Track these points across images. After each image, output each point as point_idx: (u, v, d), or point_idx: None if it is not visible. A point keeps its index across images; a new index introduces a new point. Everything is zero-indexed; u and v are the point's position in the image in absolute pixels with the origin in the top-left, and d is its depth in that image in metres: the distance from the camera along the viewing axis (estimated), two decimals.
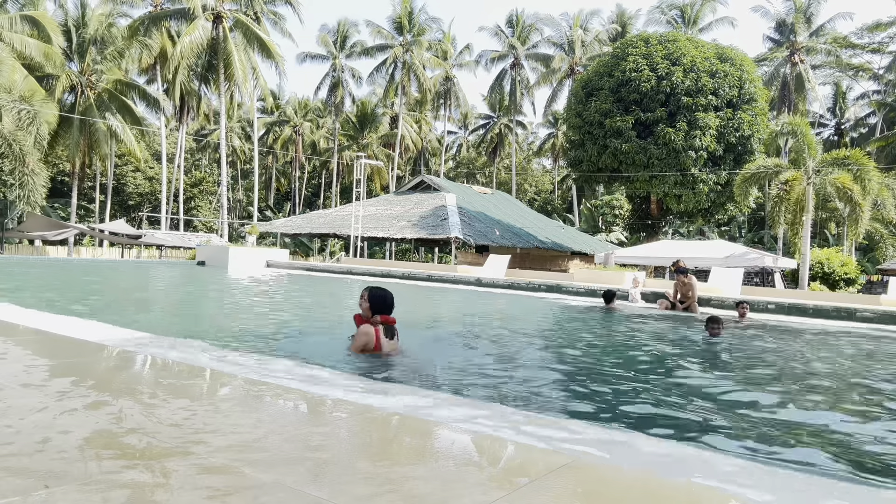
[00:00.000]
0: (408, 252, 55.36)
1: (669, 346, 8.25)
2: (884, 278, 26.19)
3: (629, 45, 30.54)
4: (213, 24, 39.24)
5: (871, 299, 15.59)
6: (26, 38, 31.85)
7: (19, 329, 5.20)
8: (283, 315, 9.69)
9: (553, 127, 63.12)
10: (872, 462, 3.38)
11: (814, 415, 4.53)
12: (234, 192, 66.63)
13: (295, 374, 4.01)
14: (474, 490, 2.02)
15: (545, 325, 10.38)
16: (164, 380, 3.59)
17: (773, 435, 3.82)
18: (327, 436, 2.62)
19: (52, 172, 46.28)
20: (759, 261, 24.41)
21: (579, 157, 31.17)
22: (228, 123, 56.22)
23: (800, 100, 45.05)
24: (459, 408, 3.30)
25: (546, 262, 34.70)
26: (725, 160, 29.22)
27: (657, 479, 2.30)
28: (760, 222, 49.36)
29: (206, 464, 2.15)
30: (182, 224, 50.07)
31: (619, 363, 6.50)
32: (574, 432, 2.90)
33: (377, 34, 54.00)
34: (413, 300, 13.19)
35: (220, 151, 42.54)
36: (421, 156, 67.88)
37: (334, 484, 2.01)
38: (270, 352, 5.83)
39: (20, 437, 2.33)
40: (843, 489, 2.56)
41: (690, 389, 5.25)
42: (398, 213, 33.97)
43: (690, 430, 3.86)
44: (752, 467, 2.58)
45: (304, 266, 25.42)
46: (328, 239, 46.82)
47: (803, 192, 22.32)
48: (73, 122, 35.31)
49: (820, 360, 7.50)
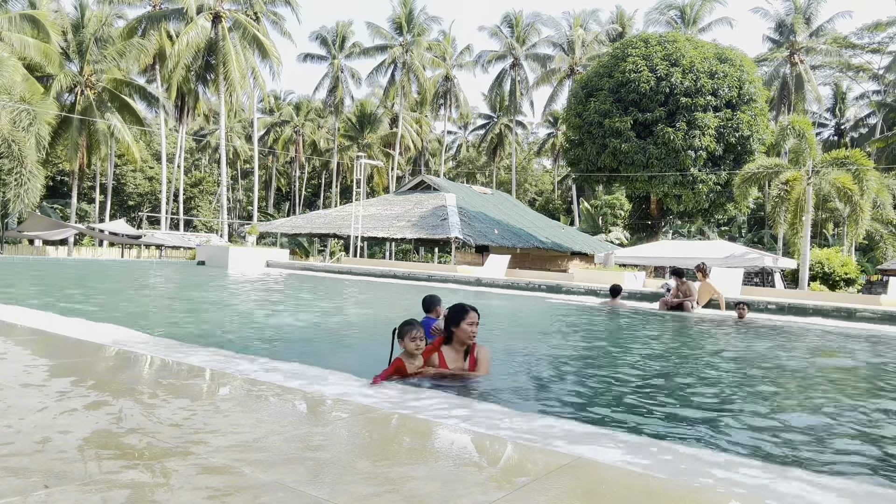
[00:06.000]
0: (408, 252, 55.36)
1: (664, 343, 8.25)
2: (884, 278, 26.20)
3: (629, 46, 30.55)
4: (212, 23, 39.24)
5: (871, 299, 15.58)
6: (26, 38, 31.84)
7: (18, 329, 5.20)
8: (283, 315, 9.69)
9: (553, 127, 63.13)
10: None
11: (813, 414, 4.53)
12: (234, 192, 66.62)
13: (295, 373, 4.01)
14: (474, 490, 2.02)
15: (558, 324, 10.38)
16: (163, 380, 3.59)
17: (773, 435, 3.82)
18: (327, 436, 2.62)
19: (52, 172, 46.31)
20: (759, 261, 24.40)
21: (578, 156, 31.20)
22: (228, 123, 56.22)
23: (799, 100, 45.03)
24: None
25: (546, 263, 34.68)
26: (725, 160, 29.23)
27: (657, 479, 2.30)
28: (760, 222, 49.36)
29: (206, 464, 2.15)
30: (182, 224, 50.06)
31: (621, 362, 6.50)
32: (571, 430, 2.90)
33: (377, 34, 54.02)
34: (414, 300, 13.16)
35: (220, 151, 42.54)
36: (421, 156, 67.87)
37: (334, 484, 2.01)
38: (271, 352, 5.83)
39: (20, 437, 2.33)
40: (848, 490, 2.56)
41: (691, 389, 5.25)
42: (398, 213, 33.97)
43: (691, 430, 3.86)
44: (754, 467, 2.58)
45: (305, 266, 25.41)
46: (328, 239, 46.83)
47: (803, 192, 22.32)
48: (73, 121, 35.30)
49: (819, 359, 7.50)
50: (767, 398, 5.06)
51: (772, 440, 3.69)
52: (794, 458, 3.32)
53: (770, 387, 5.62)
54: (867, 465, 3.29)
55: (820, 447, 3.63)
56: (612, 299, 12.68)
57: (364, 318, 10.45)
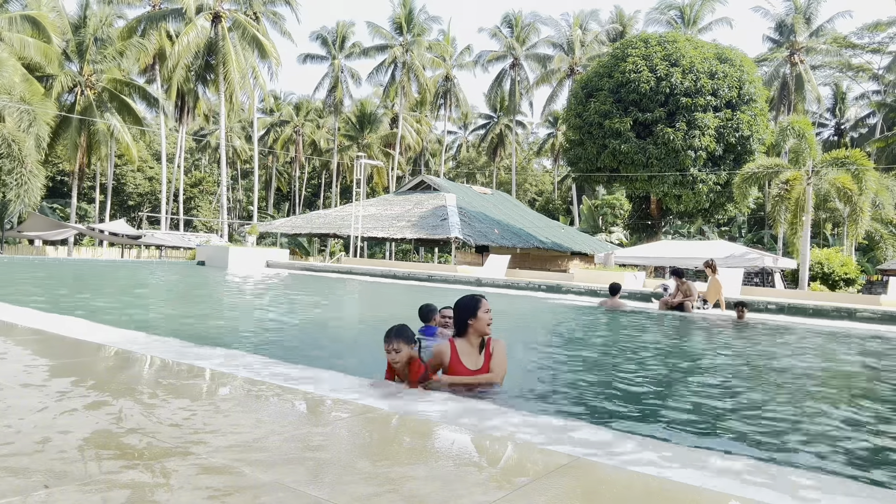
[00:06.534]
0: (408, 252, 55.35)
1: (664, 344, 8.25)
2: (884, 278, 26.18)
3: (629, 46, 30.56)
4: (211, 23, 39.24)
5: (871, 299, 15.58)
6: (26, 38, 31.83)
7: (18, 329, 5.20)
8: (282, 315, 9.69)
9: (553, 127, 63.11)
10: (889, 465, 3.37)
11: (815, 415, 4.53)
12: (234, 192, 66.62)
13: (295, 374, 4.01)
14: (474, 490, 2.02)
15: (557, 324, 10.38)
16: (163, 380, 3.59)
17: (775, 435, 3.82)
18: (327, 436, 2.62)
19: (52, 172, 46.29)
20: (759, 261, 24.39)
21: (578, 156, 31.21)
22: (228, 123, 56.20)
23: (799, 100, 45.04)
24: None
25: (546, 263, 34.68)
26: (725, 160, 29.24)
27: (657, 479, 2.30)
28: (760, 222, 49.36)
29: (206, 464, 2.15)
30: (182, 224, 50.05)
31: (623, 362, 6.50)
32: (572, 430, 2.90)
33: (377, 34, 54.02)
34: (414, 300, 13.16)
35: (220, 151, 42.53)
36: (421, 156, 67.86)
37: (334, 484, 2.01)
38: (270, 351, 5.83)
39: (20, 437, 2.33)
40: (847, 489, 2.56)
41: (691, 389, 5.25)
42: (398, 213, 33.97)
43: (691, 430, 3.86)
44: (754, 467, 2.58)
45: (305, 266, 25.42)
46: (328, 239, 46.82)
47: (803, 192, 22.32)
48: (73, 121, 35.30)
49: (819, 359, 7.50)
50: (768, 398, 5.06)
51: (773, 440, 3.69)
52: (795, 459, 3.32)
53: (770, 387, 5.62)
54: (869, 466, 3.29)
55: (821, 447, 3.63)
56: (612, 298, 12.64)
57: (364, 318, 10.45)
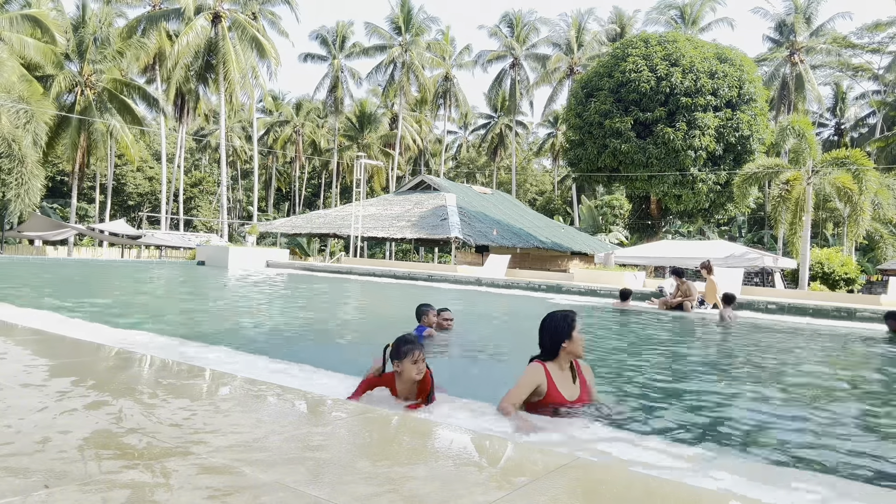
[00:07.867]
0: (408, 252, 55.35)
1: (665, 345, 8.25)
2: (884, 278, 26.18)
3: (629, 46, 30.55)
4: (211, 23, 39.23)
5: (871, 299, 15.59)
6: (25, 38, 31.83)
7: (18, 329, 5.20)
8: (282, 315, 9.69)
9: (553, 127, 63.11)
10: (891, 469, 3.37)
11: (816, 415, 4.53)
12: (234, 192, 66.61)
13: (295, 373, 4.01)
14: (474, 490, 2.02)
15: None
16: (163, 380, 3.59)
17: (775, 436, 3.82)
18: (327, 436, 2.61)
19: (52, 172, 46.28)
20: (759, 261, 24.37)
21: (578, 156, 31.20)
22: (228, 123, 56.21)
23: (799, 100, 45.04)
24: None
25: (546, 262, 34.67)
26: (725, 160, 29.23)
27: (657, 479, 2.30)
28: (760, 222, 49.37)
29: (206, 464, 2.15)
30: (182, 224, 50.05)
31: (628, 361, 6.50)
32: (572, 430, 2.90)
33: (375, 34, 54.01)
34: (414, 300, 13.16)
35: (220, 151, 42.53)
36: (421, 156, 67.84)
37: (334, 484, 2.01)
38: (271, 351, 5.83)
39: (20, 437, 2.33)
40: (847, 489, 2.56)
41: (691, 389, 5.25)
42: (398, 213, 33.96)
43: (691, 430, 3.85)
44: (754, 467, 2.58)
45: (305, 266, 25.41)
46: (328, 239, 46.82)
47: (803, 191, 22.31)
48: (72, 121, 35.29)
49: (819, 360, 7.50)
50: (768, 398, 5.06)
51: (773, 441, 3.69)
52: (796, 459, 3.32)
53: (770, 387, 5.62)
54: (870, 466, 3.28)
55: (821, 448, 3.63)
56: (623, 302, 12.65)
57: (364, 318, 10.45)
